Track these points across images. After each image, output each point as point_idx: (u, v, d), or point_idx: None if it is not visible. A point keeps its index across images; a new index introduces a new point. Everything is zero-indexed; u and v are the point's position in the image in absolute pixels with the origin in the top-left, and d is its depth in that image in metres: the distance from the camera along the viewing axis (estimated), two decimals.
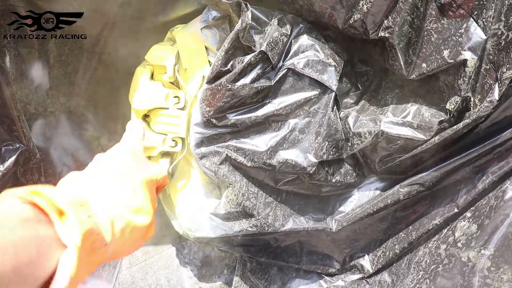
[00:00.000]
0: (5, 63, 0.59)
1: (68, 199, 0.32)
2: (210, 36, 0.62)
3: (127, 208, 0.38)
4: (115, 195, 0.38)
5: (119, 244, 0.37)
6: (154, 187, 0.45)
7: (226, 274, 0.78)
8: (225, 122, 0.58)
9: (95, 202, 0.35)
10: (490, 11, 0.48)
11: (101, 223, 0.34)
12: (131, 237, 0.39)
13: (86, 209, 0.33)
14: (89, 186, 0.37)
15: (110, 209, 0.36)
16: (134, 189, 0.40)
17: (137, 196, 0.40)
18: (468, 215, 0.59)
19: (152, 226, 0.42)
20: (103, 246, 0.34)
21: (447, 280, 0.59)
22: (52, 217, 0.30)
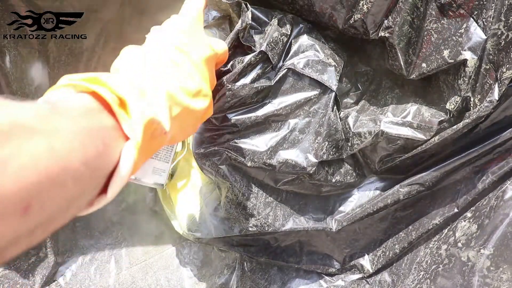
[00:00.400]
0: (5, 63, 0.59)
1: (128, 88, 0.31)
2: (210, 36, 0.62)
3: (185, 92, 0.37)
4: (172, 78, 0.36)
5: (178, 129, 0.36)
6: (213, 64, 0.43)
7: (226, 274, 0.78)
8: (225, 122, 0.58)
9: (153, 88, 0.34)
10: (490, 11, 0.48)
11: (160, 111, 0.33)
12: (189, 122, 0.38)
13: (146, 97, 0.32)
14: (147, 68, 0.35)
15: (169, 95, 0.35)
16: (193, 69, 0.38)
17: (195, 77, 0.38)
18: (469, 215, 0.59)
19: (210, 107, 0.40)
20: (163, 134, 0.34)
21: (447, 280, 0.59)
22: (114, 108, 0.29)
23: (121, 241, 0.78)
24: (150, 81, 0.34)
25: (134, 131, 0.30)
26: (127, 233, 0.80)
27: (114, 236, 0.78)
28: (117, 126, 0.29)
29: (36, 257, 0.68)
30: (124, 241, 0.78)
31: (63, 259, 0.73)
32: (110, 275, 0.75)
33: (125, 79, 0.32)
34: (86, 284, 0.73)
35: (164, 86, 0.35)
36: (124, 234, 0.79)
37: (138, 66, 0.35)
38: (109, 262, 0.76)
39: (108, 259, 0.76)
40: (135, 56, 0.37)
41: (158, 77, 0.35)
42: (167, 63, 0.37)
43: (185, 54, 0.38)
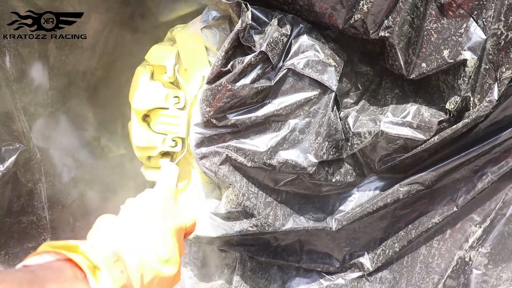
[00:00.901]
0: (5, 63, 0.59)
1: (103, 255, 0.34)
2: (210, 36, 0.62)
3: (157, 259, 0.40)
4: (146, 246, 0.40)
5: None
6: (182, 235, 0.47)
7: (226, 273, 0.79)
8: (225, 122, 0.58)
9: (127, 254, 0.37)
10: (490, 11, 0.48)
11: (132, 277, 0.36)
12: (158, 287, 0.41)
13: (120, 264, 0.35)
14: (121, 235, 0.39)
15: (141, 261, 0.38)
16: (164, 238, 0.42)
17: (167, 246, 0.42)
18: (478, 219, 0.60)
19: (178, 274, 0.43)
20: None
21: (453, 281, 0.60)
22: (88, 276, 0.32)
23: None
24: (123, 247, 0.37)
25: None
26: None
27: None
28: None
29: None
30: None
31: None
32: None
33: (100, 245, 0.36)
34: None
35: (137, 252, 0.38)
36: None
37: (112, 232, 0.39)
38: None
39: None
40: (109, 225, 0.41)
41: (132, 244, 0.39)
42: (140, 231, 0.41)
43: (157, 224, 0.42)
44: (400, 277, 0.67)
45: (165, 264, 0.41)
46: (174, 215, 0.46)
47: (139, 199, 0.46)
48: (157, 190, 0.48)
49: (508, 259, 0.56)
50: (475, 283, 0.57)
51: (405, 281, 0.66)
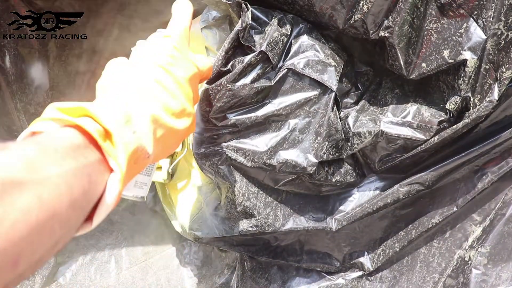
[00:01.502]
0: (5, 63, 0.59)
1: (113, 116, 0.32)
2: (210, 36, 0.62)
3: (169, 112, 0.37)
4: (157, 99, 0.37)
5: (160, 149, 0.37)
6: (197, 81, 0.44)
7: (226, 274, 0.79)
8: (225, 122, 0.58)
9: (138, 112, 0.34)
10: (490, 11, 0.48)
11: (145, 136, 0.34)
12: (172, 141, 0.39)
13: (130, 125, 0.33)
14: (131, 90, 0.36)
15: (154, 118, 0.35)
16: (177, 90, 0.39)
17: (180, 97, 0.39)
18: (478, 219, 0.60)
19: (193, 125, 0.41)
20: (146, 158, 0.35)
21: (453, 280, 0.60)
22: (99, 141, 0.30)
23: (121, 241, 0.78)
24: (134, 105, 0.35)
25: (119, 164, 0.31)
26: (127, 233, 0.80)
27: (114, 236, 0.78)
28: (102, 159, 0.31)
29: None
30: (124, 241, 0.78)
31: (63, 259, 0.73)
32: (110, 275, 0.75)
33: (109, 106, 0.33)
34: (86, 284, 0.73)
35: (149, 108, 0.35)
36: (124, 234, 0.79)
37: (122, 87, 0.36)
38: (109, 262, 0.76)
39: (108, 259, 0.76)
40: (120, 75, 0.37)
41: (143, 100, 0.36)
42: (152, 83, 0.37)
43: (169, 73, 0.39)
44: (401, 276, 0.67)
45: (178, 117, 0.38)
46: (187, 61, 0.42)
47: (150, 43, 0.42)
48: (168, 33, 0.43)
49: (507, 258, 0.56)
50: (474, 282, 0.57)
51: (405, 280, 0.66)
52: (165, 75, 0.38)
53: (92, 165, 0.29)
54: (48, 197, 0.25)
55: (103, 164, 0.31)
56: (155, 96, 0.37)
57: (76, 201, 0.27)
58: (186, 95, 0.40)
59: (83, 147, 0.29)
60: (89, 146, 0.30)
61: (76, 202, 0.27)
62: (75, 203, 0.27)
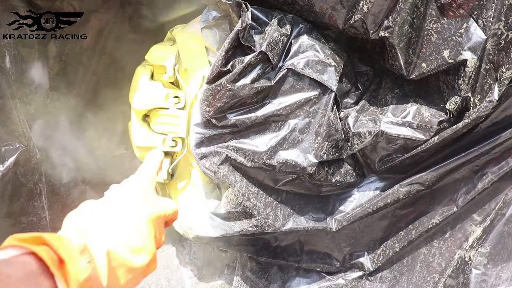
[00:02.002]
0: (5, 63, 0.59)
1: (68, 246, 0.34)
2: (210, 36, 0.62)
3: (127, 248, 0.39)
4: (117, 235, 0.39)
5: (116, 283, 0.39)
6: (162, 223, 0.46)
7: (226, 274, 0.79)
8: (225, 122, 0.58)
9: (94, 244, 0.37)
10: (490, 11, 0.48)
11: (99, 267, 0.36)
12: (129, 277, 0.40)
13: (86, 255, 0.35)
14: (92, 224, 0.39)
15: (109, 251, 0.37)
16: (139, 227, 0.41)
17: (141, 235, 0.41)
18: (478, 219, 0.60)
19: (153, 263, 0.43)
20: None
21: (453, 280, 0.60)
22: (52, 269, 0.31)
23: None
24: (92, 237, 0.37)
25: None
26: None
27: None
28: (56, 286, 0.32)
29: None
30: None
31: None
32: None
33: (67, 237, 0.35)
34: None
35: (107, 241, 0.38)
36: None
37: (85, 221, 0.39)
38: None
39: None
40: (86, 211, 0.41)
41: (102, 232, 0.38)
42: (114, 218, 0.40)
43: (135, 212, 0.42)
44: (401, 276, 0.67)
45: (137, 253, 0.40)
46: (152, 203, 0.45)
47: (121, 185, 0.46)
48: (136, 178, 0.48)
49: (507, 259, 0.56)
50: (474, 282, 0.57)
51: (405, 280, 0.66)
52: (130, 214, 0.42)
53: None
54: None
55: None
56: (116, 231, 0.39)
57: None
58: (149, 233, 0.42)
59: (38, 274, 0.31)
60: (43, 273, 0.31)
61: None
62: None
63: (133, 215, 0.42)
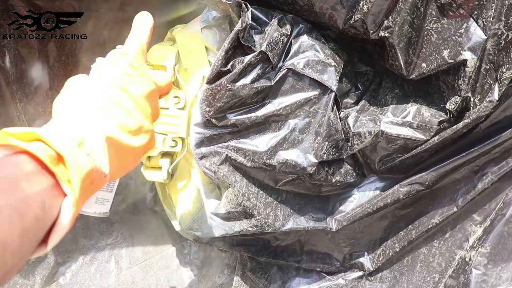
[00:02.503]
0: (5, 63, 0.59)
1: (66, 140, 0.31)
2: (210, 36, 0.62)
3: (124, 130, 0.37)
4: (112, 118, 0.37)
5: (117, 167, 0.37)
6: (156, 97, 0.43)
7: (226, 274, 0.79)
8: (225, 122, 0.58)
9: (92, 133, 0.34)
10: (490, 11, 0.48)
11: (99, 157, 0.34)
12: (129, 158, 0.39)
13: (84, 147, 0.33)
14: (87, 109, 0.36)
15: (108, 138, 0.35)
16: (133, 107, 0.39)
17: (136, 115, 0.39)
18: (478, 219, 0.60)
19: (151, 142, 0.41)
20: (103, 178, 0.34)
21: (453, 280, 0.60)
22: (51, 167, 0.30)
23: (121, 241, 0.78)
24: (88, 126, 0.34)
25: (72, 189, 0.31)
26: (127, 233, 0.79)
27: (114, 236, 0.78)
28: (55, 184, 0.30)
29: (36, 257, 0.68)
30: (124, 241, 0.78)
31: (63, 259, 0.73)
32: (110, 275, 0.75)
33: (62, 129, 0.33)
34: (86, 284, 0.73)
35: (103, 128, 0.35)
36: (124, 234, 0.79)
37: (77, 108, 0.36)
38: (109, 262, 0.76)
39: (108, 259, 0.76)
40: (75, 94, 0.38)
41: (97, 119, 0.36)
42: (106, 102, 0.37)
43: (124, 91, 0.39)
44: (401, 276, 0.66)
45: (135, 134, 0.38)
46: (144, 77, 0.42)
47: (107, 61, 0.42)
48: (125, 51, 0.43)
49: (507, 259, 0.56)
50: (474, 282, 0.57)
51: (405, 280, 0.66)
52: (120, 94, 0.38)
53: (45, 191, 0.29)
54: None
55: (57, 188, 0.30)
56: (110, 115, 0.37)
57: (28, 230, 0.27)
58: (143, 112, 0.40)
59: (36, 173, 0.29)
60: (42, 171, 0.29)
61: (29, 230, 0.27)
62: (27, 231, 0.27)
63: (125, 95, 0.39)
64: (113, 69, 0.40)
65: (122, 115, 0.37)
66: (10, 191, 0.26)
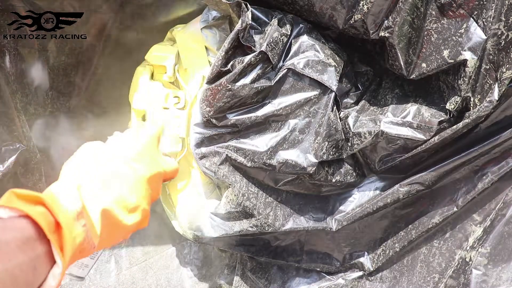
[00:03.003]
0: (5, 63, 0.59)
1: (66, 211, 0.33)
2: (210, 36, 0.62)
3: (122, 207, 0.39)
4: (114, 192, 0.38)
5: (106, 239, 0.39)
6: (160, 181, 0.45)
7: (226, 274, 0.79)
8: (225, 122, 0.58)
9: (91, 203, 0.36)
10: (490, 11, 0.48)
11: (94, 227, 0.36)
12: (120, 234, 0.40)
13: (82, 219, 0.35)
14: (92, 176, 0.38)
15: (106, 210, 0.37)
16: (136, 186, 0.40)
17: (136, 193, 0.40)
18: (478, 219, 0.60)
19: (144, 221, 0.42)
20: (92, 248, 0.36)
21: (454, 280, 0.60)
22: (49, 236, 0.31)
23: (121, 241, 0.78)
24: (89, 196, 0.37)
25: (64, 261, 0.33)
26: None
27: None
28: (49, 251, 0.32)
29: None
30: (124, 241, 0.78)
31: None
32: (110, 275, 0.75)
33: (65, 197, 0.35)
34: (86, 284, 0.73)
35: (102, 201, 0.37)
36: None
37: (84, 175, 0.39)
38: (109, 262, 0.76)
39: (108, 259, 0.76)
40: (86, 161, 0.40)
41: (99, 191, 0.38)
42: (112, 176, 0.39)
43: (132, 169, 0.41)
44: (401, 276, 0.66)
45: (131, 212, 0.40)
46: (152, 160, 0.44)
47: (124, 136, 0.44)
48: (141, 131, 0.46)
49: (508, 259, 0.56)
50: (475, 283, 0.57)
51: (406, 280, 0.66)
52: (126, 170, 0.40)
53: (39, 258, 0.31)
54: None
55: (49, 255, 0.32)
56: (110, 188, 0.38)
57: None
58: (144, 192, 0.41)
59: (34, 239, 0.31)
60: (39, 237, 0.31)
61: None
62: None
63: (131, 172, 0.41)
64: (127, 145, 0.43)
65: (123, 191, 0.39)
66: (9, 256, 0.28)
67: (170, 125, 0.64)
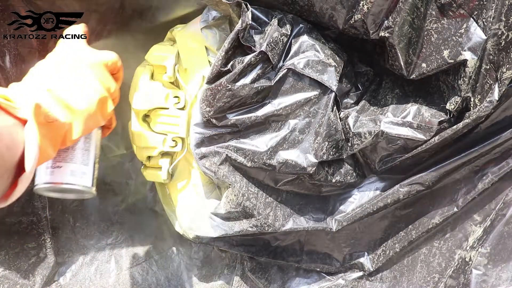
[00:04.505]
0: (5, 63, 0.59)
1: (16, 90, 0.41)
2: (210, 36, 0.62)
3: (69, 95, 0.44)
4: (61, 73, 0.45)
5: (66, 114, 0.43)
6: (104, 70, 0.50)
7: (226, 274, 0.79)
8: (225, 122, 0.58)
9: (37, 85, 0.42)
10: (490, 11, 0.48)
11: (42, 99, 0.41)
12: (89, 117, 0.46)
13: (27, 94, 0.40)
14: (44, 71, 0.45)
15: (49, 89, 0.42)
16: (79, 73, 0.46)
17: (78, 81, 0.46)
18: (478, 219, 0.60)
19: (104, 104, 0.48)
20: (55, 121, 0.41)
21: (453, 280, 0.60)
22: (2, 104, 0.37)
23: (121, 241, 0.78)
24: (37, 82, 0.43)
25: (26, 113, 0.38)
26: (127, 233, 0.79)
27: (114, 236, 0.78)
28: (17, 122, 0.38)
29: (36, 258, 0.68)
30: (124, 241, 0.78)
31: (63, 259, 0.73)
32: (110, 275, 0.75)
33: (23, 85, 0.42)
34: (86, 284, 0.73)
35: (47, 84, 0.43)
36: (124, 234, 0.79)
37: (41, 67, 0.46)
38: (109, 262, 0.76)
39: (108, 259, 0.76)
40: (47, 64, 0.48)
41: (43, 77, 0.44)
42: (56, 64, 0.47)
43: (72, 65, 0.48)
44: (401, 276, 0.66)
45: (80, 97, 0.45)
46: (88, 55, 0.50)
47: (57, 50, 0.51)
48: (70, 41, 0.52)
49: (507, 259, 0.56)
50: (475, 283, 0.57)
51: (406, 280, 0.66)
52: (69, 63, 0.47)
53: (9, 127, 0.37)
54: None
55: (20, 125, 0.38)
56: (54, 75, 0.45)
57: (2, 156, 0.35)
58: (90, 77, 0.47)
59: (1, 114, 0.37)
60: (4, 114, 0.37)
61: (3, 157, 0.35)
62: (2, 157, 0.35)
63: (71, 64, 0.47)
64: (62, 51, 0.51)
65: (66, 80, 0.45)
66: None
67: (170, 125, 0.64)
